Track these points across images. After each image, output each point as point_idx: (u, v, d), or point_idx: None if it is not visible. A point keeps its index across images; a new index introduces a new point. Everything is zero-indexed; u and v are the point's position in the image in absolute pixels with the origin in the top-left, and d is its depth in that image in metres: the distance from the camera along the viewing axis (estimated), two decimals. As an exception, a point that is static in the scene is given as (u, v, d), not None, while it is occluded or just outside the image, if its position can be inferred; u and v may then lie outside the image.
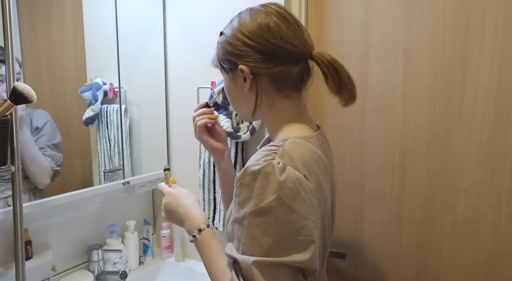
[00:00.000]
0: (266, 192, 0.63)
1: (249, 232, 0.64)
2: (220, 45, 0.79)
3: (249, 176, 0.65)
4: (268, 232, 0.63)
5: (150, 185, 1.58)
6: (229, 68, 0.78)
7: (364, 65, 1.21)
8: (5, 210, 1.08)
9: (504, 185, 1.04)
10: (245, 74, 0.75)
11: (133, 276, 1.47)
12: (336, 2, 1.24)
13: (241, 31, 0.74)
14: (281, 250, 0.63)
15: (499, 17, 1.01)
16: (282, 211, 0.63)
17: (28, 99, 0.93)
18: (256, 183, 0.64)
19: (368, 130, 1.23)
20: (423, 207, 1.16)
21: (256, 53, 0.73)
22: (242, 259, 0.64)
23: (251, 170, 0.65)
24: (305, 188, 0.65)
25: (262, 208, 0.63)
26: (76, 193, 1.29)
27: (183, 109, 1.56)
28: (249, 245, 0.64)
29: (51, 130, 1.24)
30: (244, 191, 0.65)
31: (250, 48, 0.73)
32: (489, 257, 1.08)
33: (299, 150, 0.69)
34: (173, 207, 0.85)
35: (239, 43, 0.74)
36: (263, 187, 0.63)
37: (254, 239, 0.64)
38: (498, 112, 1.03)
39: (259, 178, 0.64)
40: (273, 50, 0.72)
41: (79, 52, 1.35)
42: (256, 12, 0.75)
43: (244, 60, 0.74)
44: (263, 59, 0.73)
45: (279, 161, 0.65)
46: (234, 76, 0.78)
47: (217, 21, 1.41)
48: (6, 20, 0.97)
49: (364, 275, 1.28)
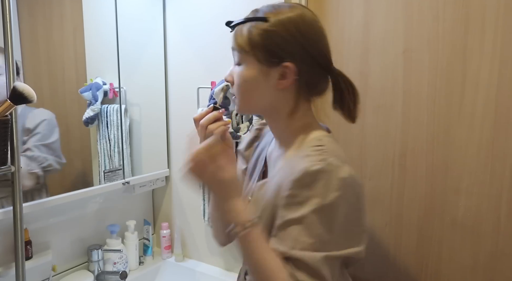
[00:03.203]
0: (329, 190, 0.65)
1: (312, 229, 0.65)
2: (265, 34, 0.70)
3: (310, 176, 0.66)
4: (331, 228, 0.65)
5: (150, 185, 1.58)
6: (268, 60, 0.71)
7: (364, 65, 1.21)
8: (5, 210, 1.08)
9: (504, 185, 1.04)
10: (288, 72, 0.71)
11: (133, 276, 1.48)
12: (336, 2, 1.24)
13: (297, 27, 0.70)
14: (341, 243, 0.67)
15: (499, 17, 1.01)
16: (345, 207, 0.66)
17: (28, 99, 0.94)
18: (318, 182, 0.65)
19: (368, 130, 1.23)
20: (423, 207, 1.16)
21: (305, 54, 0.71)
22: (307, 256, 0.65)
23: (312, 170, 0.66)
24: (360, 183, 0.70)
25: (326, 205, 0.65)
26: (76, 193, 1.29)
27: (183, 109, 1.56)
28: (311, 243, 0.65)
29: (46, 130, 1.19)
30: (304, 191, 0.66)
31: (301, 47, 0.70)
32: (489, 257, 1.08)
33: (338, 149, 0.73)
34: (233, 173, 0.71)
35: (292, 39, 0.70)
36: (326, 185, 0.65)
37: (317, 237, 0.65)
38: (498, 112, 1.03)
39: (321, 176, 0.65)
40: (319, 56, 0.72)
41: (79, 52, 1.35)
42: (302, 10, 0.72)
43: (292, 57, 0.70)
44: (309, 62, 0.71)
45: (334, 160, 0.67)
46: (270, 69, 0.72)
47: (217, 21, 1.41)
48: (6, 20, 0.97)
49: (364, 275, 1.28)
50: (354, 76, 0.76)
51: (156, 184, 1.60)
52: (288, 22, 0.70)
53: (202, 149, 0.69)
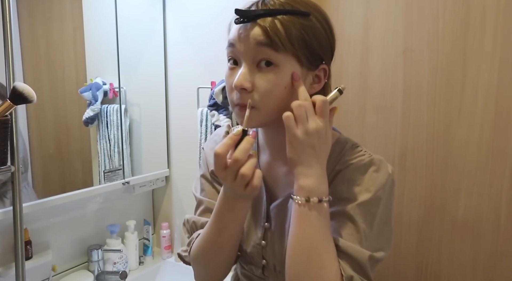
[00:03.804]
0: (376, 183, 0.64)
1: (359, 224, 0.63)
2: (311, 31, 0.60)
3: (359, 170, 0.65)
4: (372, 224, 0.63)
5: (150, 185, 1.58)
6: (310, 61, 0.62)
7: (364, 65, 1.21)
8: (5, 210, 1.08)
9: (504, 185, 1.04)
10: (322, 75, 0.65)
11: (133, 276, 1.47)
12: (336, 2, 1.24)
13: (329, 25, 0.64)
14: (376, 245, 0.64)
15: (499, 17, 1.01)
16: (387, 202, 0.65)
17: (28, 99, 0.93)
18: (366, 176, 0.65)
19: (368, 130, 1.23)
20: (423, 207, 1.16)
21: (331, 55, 0.66)
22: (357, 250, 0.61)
23: (361, 163, 0.66)
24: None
25: (372, 199, 0.63)
26: (76, 193, 1.29)
27: (183, 109, 1.56)
28: (358, 238, 0.62)
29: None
30: (353, 186, 0.65)
31: (331, 48, 0.66)
32: (489, 257, 1.08)
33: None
34: (325, 143, 0.61)
35: (333, 39, 0.65)
36: (374, 178, 0.65)
37: (362, 231, 0.63)
38: (498, 112, 1.03)
39: (371, 170, 0.65)
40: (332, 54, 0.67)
41: (79, 52, 1.35)
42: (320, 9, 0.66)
43: (327, 58, 0.65)
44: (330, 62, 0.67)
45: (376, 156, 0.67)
46: (308, 72, 0.63)
47: (217, 21, 1.41)
48: (6, 20, 0.97)
49: (364, 275, 1.28)
50: (354, 76, 0.76)
51: (156, 184, 1.60)
52: (324, 19, 0.63)
53: (308, 102, 0.59)
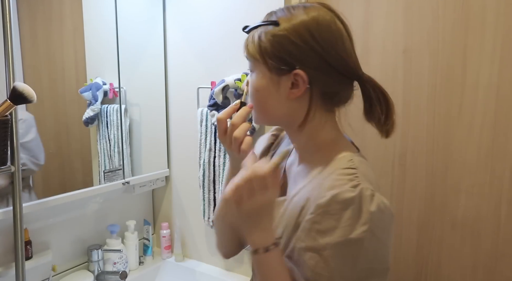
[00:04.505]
0: (357, 223, 0.58)
1: (331, 263, 0.59)
2: (274, 39, 0.65)
3: (338, 204, 0.59)
4: (353, 264, 0.59)
5: (150, 185, 1.58)
6: (277, 67, 0.65)
7: (364, 65, 1.19)
8: (5, 210, 1.08)
9: (504, 185, 1.04)
10: (299, 81, 0.65)
11: (133, 276, 1.47)
12: (336, 2, 1.24)
13: (309, 31, 0.63)
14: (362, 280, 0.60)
15: (499, 17, 1.01)
16: (372, 242, 0.59)
17: (28, 99, 0.93)
18: (346, 213, 0.58)
19: (368, 129, 1.23)
20: (423, 207, 1.16)
21: (320, 61, 0.64)
22: None
23: (342, 198, 0.59)
24: (391, 214, 0.62)
25: (351, 240, 0.58)
26: (76, 193, 1.29)
27: (183, 109, 1.56)
28: (328, 277, 0.59)
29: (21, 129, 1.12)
30: (328, 219, 0.59)
31: (315, 53, 0.63)
32: (489, 257, 1.08)
33: (370, 172, 0.66)
34: (268, 211, 0.65)
35: (304, 45, 0.63)
36: (355, 217, 0.58)
37: (336, 271, 0.59)
38: (498, 112, 1.03)
39: (352, 207, 0.59)
40: (337, 61, 0.65)
41: (79, 52, 1.35)
42: (318, 11, 0.65)
43: (304, 65, 0.64)
44: (325, 69, 0.65)
45: (367, 187, 0.60)
46: (280, 78, 0.66)
47: (217, 20, 1.41)
48: (6, 20, 0.97)
49: (364, 275, 1.28)
50: (354, 76, 0.75)
51: (156, 184, 1.60)
52: (300, 26, 0.64)
53: (255, 177, 0.61)
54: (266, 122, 0.74)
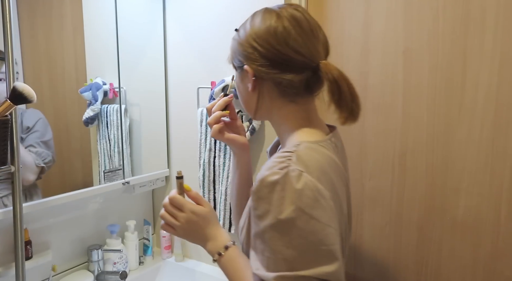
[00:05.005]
0: (284, 203, 0.61)
1: (272, 246, 0.62)
2: (232, 43, 0.79)
3: (266, 188, 0.62)
4: (291, 245, 0.61)
5: (150, 185, 1.58)
6: (238, 66, 0.78)
7: (364, 64, 1.21)
8: (5, 210, 1.08)
9: (504, 185, 1.04)
10: (249, 76, 0.75)
11: (133, 276, 1.48)
12: (336, 2, 1.24)
13: (250, 33, 0.74)
14: (308, 262, 0.61)
15: (499, 17, 1.01)
16: (303, 221, 0.61)
17: (28, 99, 0.94)
18: (274, 194, 0.62)
19: (368, 130, 1.23)
20: (423, 207, 1.16)
21: (261, 57, 0.72)
22: (265, 276, 0.62)
23: (268, 181, 0.62)
24: (323, 194, 0.63)
25: (282, 220, 0.61)
26: (76, 193, 1.29)
27: (183, 109, 1.56)
28: (274, 259, 0.62)
29: (42, 128, 1.23)
30: (262, 204, 0.63)
31: (256, 51, 0.73)
32: (489, 257, 1.08)
33: (313, 155, 0.68)
34: (200, 227, 0.78)
35: (247, 45, 0.74)
36: (281, 198, 0.61)
37: (278, 253, 0.62)
38: (498, 112, 1.03)
39: (277, 188, 0.62)
40: (277, 56, 0.71)
41: (79, 52, 1.35)
42: (269, 14, 0.74)
43: (250, 62, 0.74)
44: (266, 64, 0.72)
45: (295, 168, 0.63)
46: (241, 74, 0.78)
47: (217, 21, 1.41)
48: (6, 20, 0.98)
49: (364, 274, 1.28)
50: (354, 76, 0.76)
51: (156, 184, 1.60)
52: (248, 29, 0.75)
53: (167, 205, 0.79)
54: (250, 115, 0.82)
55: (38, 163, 1.21)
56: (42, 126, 1.23)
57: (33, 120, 1.21)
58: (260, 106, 0.77)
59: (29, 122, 1.20)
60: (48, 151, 1.24)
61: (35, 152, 1.20)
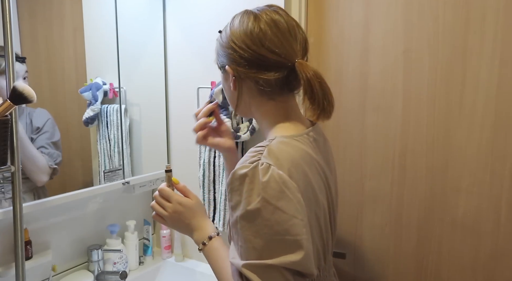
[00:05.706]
0: (252, 195, 0.65)
1: (243, 235, 0.66)
2: (216, 45, 0.83)
3: (237, 180, 0.66)
4: (258, 234, 0.65)
5: (150, 185, 1.58)
6: (220, 66, 0.82)
7: (364, 65, 1.21)
8: (5, 210, 1.08)
9: (504, 184, 1.04)
10: (230, 75, 0.78)
11: (133, 276, 1.47)
12: (336, 2, 1.24)
13: (230, 35, 0.77)
14: (273, 251, 0.65)
15: (499, 17, 1.01)
16: (268, 211, 0.64)
17: (28, 99, 0.93)
18: (244, 187, 0.66)
19: (368, 130, 1.23)
20: (423, 207, 1.16)
21: (239, 58, 0.75)
22: (236, 263, 0.67)
23: (238, 173, 0.66)
24: (289, 186, 0.66)
25: (250, 211, 0.65)
26: (76, 193, 1.29)
27: (183, 109, 1.56)
28: (245, 248, 0.66)
29: (51, 128, 1.24)
30: (234, 195, 0.67)
31: (235, 52, 0.76)
32: (489, 257, 1.08)
33: (285, 148, 0.70)
34: (186, 218, 0.83)
35: (227, 46, 0.77)
36: (250, 189, 0.65)
37: (248, 242, 0.66)
38: (498, 112, 1.03)
39: (246, 181, 0.65)
40: (254, 57, 0.74)
41: (79, 52, 1.35)
42: (247, 16, 0.77)
43: (230, 62, 0.77)
44: (244, 64, 0.75)
45: (264, 161, 0.66)
46: (224, 74, 0.82)
47: (217, 20, 1.41)
48: (6, 20, 0.97)
49: (364, 275, 1.28)
50: (354, 76, 0.76)
51: (156, 184, 1.60)
52: (228, 31, 0.78)
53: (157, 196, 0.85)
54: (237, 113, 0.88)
55: (51, 164, 1.22)
56: (51, 127, 1.25)
57: (42, 121, 1.22)
58: (240, 104, 0.81)
59: (39, 122, 1.21)
60: (58, 152, 1.26)
61: (47, 153, 1.22)
